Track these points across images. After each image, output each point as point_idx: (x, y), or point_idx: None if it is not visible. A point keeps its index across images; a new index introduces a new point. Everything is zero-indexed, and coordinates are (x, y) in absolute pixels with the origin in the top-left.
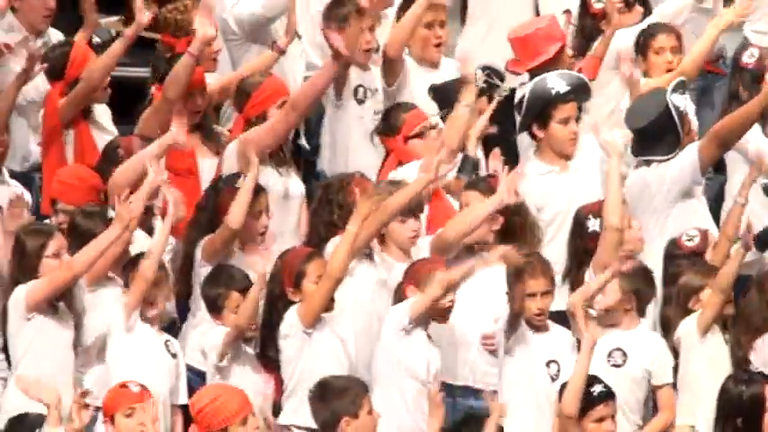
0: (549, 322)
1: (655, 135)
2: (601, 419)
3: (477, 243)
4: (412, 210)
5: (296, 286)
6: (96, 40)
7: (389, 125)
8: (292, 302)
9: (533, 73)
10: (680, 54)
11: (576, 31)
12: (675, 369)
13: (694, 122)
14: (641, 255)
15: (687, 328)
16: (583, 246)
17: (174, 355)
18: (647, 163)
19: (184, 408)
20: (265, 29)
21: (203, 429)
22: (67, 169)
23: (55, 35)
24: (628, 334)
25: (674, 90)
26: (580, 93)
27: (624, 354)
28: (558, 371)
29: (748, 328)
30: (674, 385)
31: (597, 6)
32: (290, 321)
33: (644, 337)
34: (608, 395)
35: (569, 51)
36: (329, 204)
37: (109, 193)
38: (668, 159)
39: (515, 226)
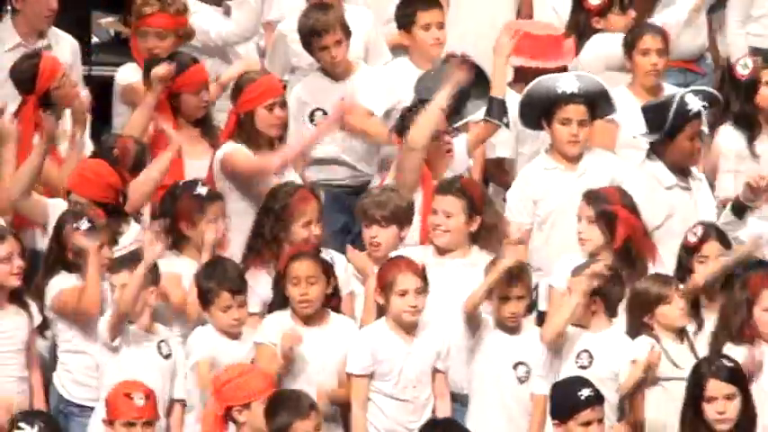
0: (525, 322)
1: (649, 116)
2: (587, 423)
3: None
4: (373, 217)
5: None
6: (95, 40)
7: (402, 126)
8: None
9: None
10: (666, 56)
11: (568, 27)
12: None
13: (705, 133)
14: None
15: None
16: None
17: (167, 356)
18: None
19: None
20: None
21: (223, 402)
22: (89, 162)
23: (53, 35)
24: (596, 336)
25: (694, 92)
26: (592, 99)
27: (590, 355)
28: (528, 372)
29: (728, 327)
30: None
31: (592, 2)
32: None
33: (613, 338)
34: (595, 399)
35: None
36: (267, 213)
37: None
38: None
39: (485, 227)
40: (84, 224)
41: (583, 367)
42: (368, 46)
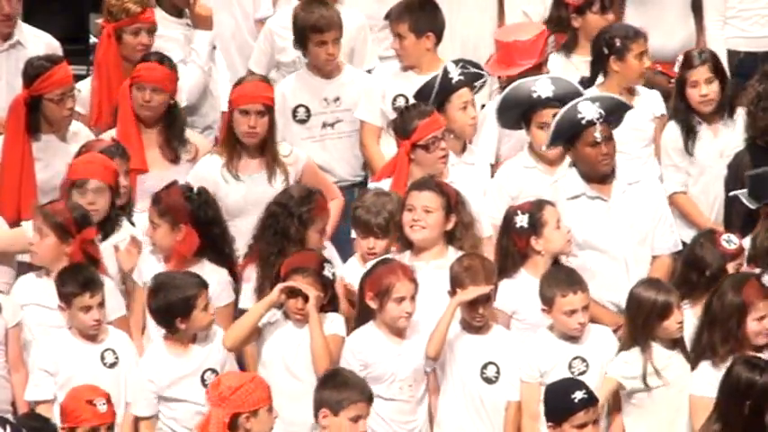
0: (494, 323)
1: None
2: (582, 426)
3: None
4: (371, 229)
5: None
6: (93, 40)
7: (402, 127)
8: None
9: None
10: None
11: (549, 22)
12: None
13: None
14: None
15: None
16: (511, 243)
17: (112, 365)
18: None
19: None
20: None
21: (231, 410)
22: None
23: (27, 35)
24: (584, 339)
25: (593, 99)
26: (569, 101)
27: (584, 360)
28: (498, 372)
29: (722, 330)
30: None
31: None
32: None
33: (598, 335)
34: (589, 401)
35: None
36: (290, 217)
37: None
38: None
39: (461, 227)
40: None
41: (581, 373)
42: (353, 49)
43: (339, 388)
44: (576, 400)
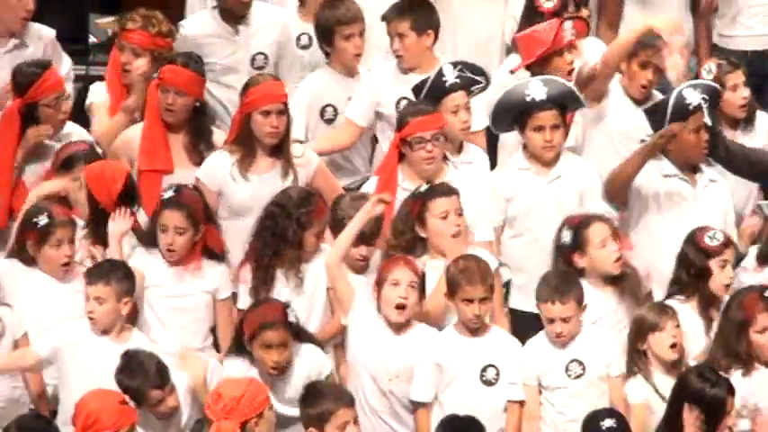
0: (492, 325)
1: (650, 117)
2: None
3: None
4: (362, 236)
5: None
6: (93, 40)
7: (399, 119)
8: None
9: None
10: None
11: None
12: None
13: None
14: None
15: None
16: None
17: None
18: None
19: None
20: None
21: (239, 418)
22: (116, 163)
23: (34, 32)
24: (580, 342)
25: (693, 86)
26: (563, 101)
27: (580, 363)
28: (498, 374)
29: (726, 346)
30: None
31: (546, 6)
32: None
33: (595, 337)
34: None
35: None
36: (288, 219)
37: None
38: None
39: None
40: (43, 219)
41: (578, 376)
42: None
43: (315, 403)
44: (603, 428)
